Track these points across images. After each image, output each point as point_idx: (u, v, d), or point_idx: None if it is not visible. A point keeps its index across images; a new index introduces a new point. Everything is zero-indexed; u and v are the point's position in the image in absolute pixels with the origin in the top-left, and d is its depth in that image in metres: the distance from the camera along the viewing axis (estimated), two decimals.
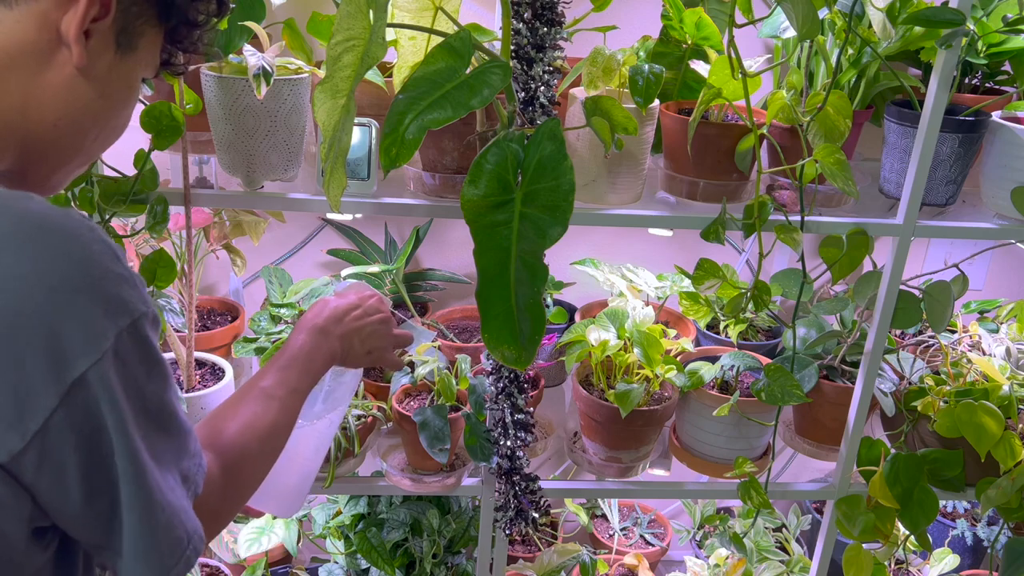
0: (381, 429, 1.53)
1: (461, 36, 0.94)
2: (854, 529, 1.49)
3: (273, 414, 0.91)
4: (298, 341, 1.01)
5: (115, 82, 0.72)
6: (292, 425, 0.95)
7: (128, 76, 0.73)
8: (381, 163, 0.89)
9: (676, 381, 1.46)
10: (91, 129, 0.72)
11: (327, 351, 1.02)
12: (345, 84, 0.91)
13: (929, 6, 1.21)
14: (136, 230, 1.26)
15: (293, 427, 0.95)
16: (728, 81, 1.23)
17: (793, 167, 1.28)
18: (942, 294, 1.36)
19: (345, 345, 1.05)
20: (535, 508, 1.37)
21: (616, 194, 1.31)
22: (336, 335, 1.04)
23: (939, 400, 1.47)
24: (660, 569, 2.09)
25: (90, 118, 0.71)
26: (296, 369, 0.97)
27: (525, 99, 1.12)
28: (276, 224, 1.77)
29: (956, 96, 1.39)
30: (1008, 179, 1.33)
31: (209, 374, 1.50)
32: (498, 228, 0.97)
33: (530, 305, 0.99)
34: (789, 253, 1.87)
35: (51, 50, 0.67)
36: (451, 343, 1.61)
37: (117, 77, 0.72)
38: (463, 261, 1.86)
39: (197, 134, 1.31)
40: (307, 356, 0.99)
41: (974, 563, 1.99)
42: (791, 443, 1.63)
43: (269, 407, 0.91)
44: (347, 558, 1.75)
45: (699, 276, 1.36)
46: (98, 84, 0.70)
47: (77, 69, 0.68)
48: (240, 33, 1.15)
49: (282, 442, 0.93)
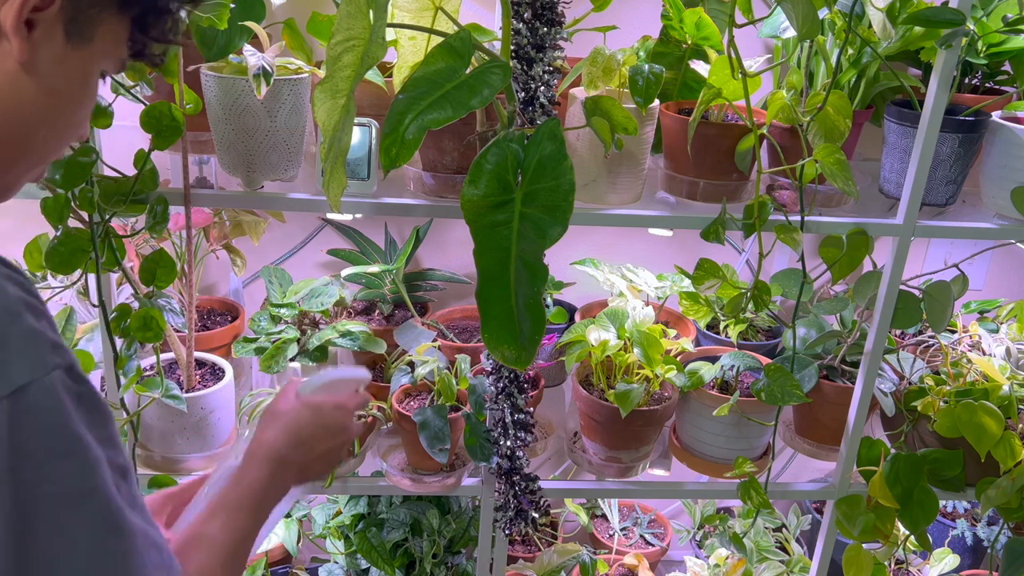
0: (381, 429, 1.53)
1: (461, 36, 0.94)
2: (854, 529, 1.49)
3: (219, 566, 0.80)
4: (256, 475, 0.88)
5: (65, 77, 0.64)
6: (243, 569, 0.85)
7: (82, 70, 0.65)
8: (381, 163, 0.90)
9: (676, 381, 1.46)
10: (38, 129, 0.65)
11: (282, 484, 0.91)
12: (345, 84, 0.91)
13: (929, 6, 1.21)
14: (136, 230, 1.26)
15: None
16: (728, 81, 1.23)
17: (793, 167, 1.28)
18: (942, 294, 1.36)
19: (301, 474, 0.93)
20: (535, 508, 1.37)
21: (616, 194, 1.31)
22: (296, 464, 0.91)
23: (939, 400, 1.47)
24: (660, 569, 2.09)
25: (37, 117, 0.64)
26: (248, 511, 0.85)
27: (525, 99, 1.12)
28: (276, 224, 1.77)
29: (956, 96, 1.39)
30: (1008, 179, 1.33)
31: (209, 374, 1.50)
32: (498, 228, 0.97)
33: (530, 305, 0.99)
34: (789, 253, 1.87)
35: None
36: (451, 343, 1.61)
37: (68, 71, 0.64)
38: (463, 261, 1.86)
39: (197, 134, 1.31)
40: (263, 494, 0.88)
41: (974, 563, 1.98)
42: (791, 443, 1.63)
43: (213, 557, 0.80)
44: (347, 558, 1.75)
45: (699, 276, 1.36)
46: (45, 79, 0.63)
47: (19, 63, 0.61)
48: (240, 33, 1.15)
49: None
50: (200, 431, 1.43)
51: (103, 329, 1.27)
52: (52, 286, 1.54)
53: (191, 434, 1.42)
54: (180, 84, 1.17)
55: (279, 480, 0.90)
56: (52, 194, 1.15)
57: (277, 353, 1.49)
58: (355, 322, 1.56)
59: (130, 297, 1.36)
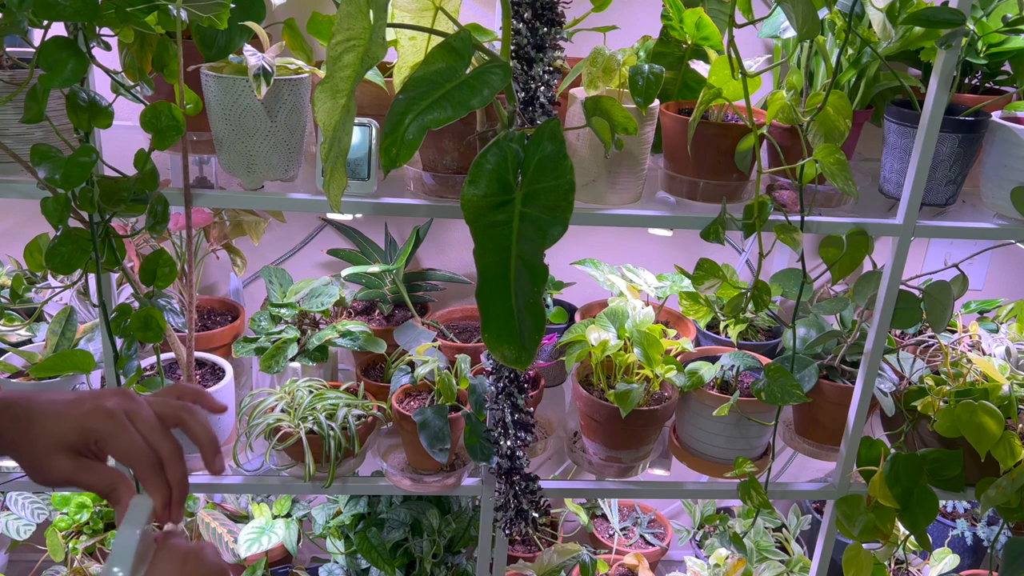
0: (381, 429, 1.53)
1: (461, 36, 0.94)
2: (854, 529, 1.49)
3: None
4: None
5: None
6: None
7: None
8: (381, 163, 0.89)
9: (676, 381, 1.46)
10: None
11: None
12: (345, 84, 0.91)
13: (929, 6, 1.21)
14: (136, 230, 1.26)
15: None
16: (728, 81, 1.23)
17: (793, 167, 1.28)
18: (942, 294, 1.36)
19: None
20: (535, 508, 1.37)
21: (616, 194, 1.32)
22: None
23: (939, 400, 1.47)
24: (660, 569, 2.09)
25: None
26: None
27: (525, 99, 1.12)
28: (276, 224, 1.77)
29: (956, 96, 1.39)
30: (1008, 179, 1.34)
31: (209, 374, 1.50)
32: (498, 228, 0.97)
33: (530, 305, 0.98)
34: (789, 253, 1.87)
35: None
36: (451, 343, 1.61)
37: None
38: (463, 261, 1.86)
39: (197, 134, 1.31)
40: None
41: (974, 563, 1.99)
42: (791, 443, 1.63)
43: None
44: (347, 558, 1.75)
45: (699, 276, 1.36)
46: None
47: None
48: (240, 33, 1.15)
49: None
50: None
51: (103, 329, 1.27)
52: (52, 286, 1.55)
53: None
54: (180, 84, 1.17)
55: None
56: (52, 194, 1.15)
57: (277, 353, 1.49)
58: (355, 322, 1.56)
59: (130, 297, 1.36)
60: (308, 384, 1.49)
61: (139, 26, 1.10)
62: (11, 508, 1.74)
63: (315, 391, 1.47)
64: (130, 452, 0.78)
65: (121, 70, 1.21)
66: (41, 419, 0.79)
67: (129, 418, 0.79)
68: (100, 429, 0.78)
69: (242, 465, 1.45)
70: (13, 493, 1.75)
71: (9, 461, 1.43)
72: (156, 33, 1.14)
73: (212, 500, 1.90)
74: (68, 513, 1.77)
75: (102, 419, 0.78)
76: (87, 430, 0.78)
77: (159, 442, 0.79)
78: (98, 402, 0.79)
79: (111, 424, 0.78)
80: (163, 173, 1.25)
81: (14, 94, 1.14)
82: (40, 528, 1.75)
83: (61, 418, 0.78)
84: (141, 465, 0.78)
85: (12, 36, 1.09)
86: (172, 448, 0.80)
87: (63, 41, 1.08)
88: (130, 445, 0.78)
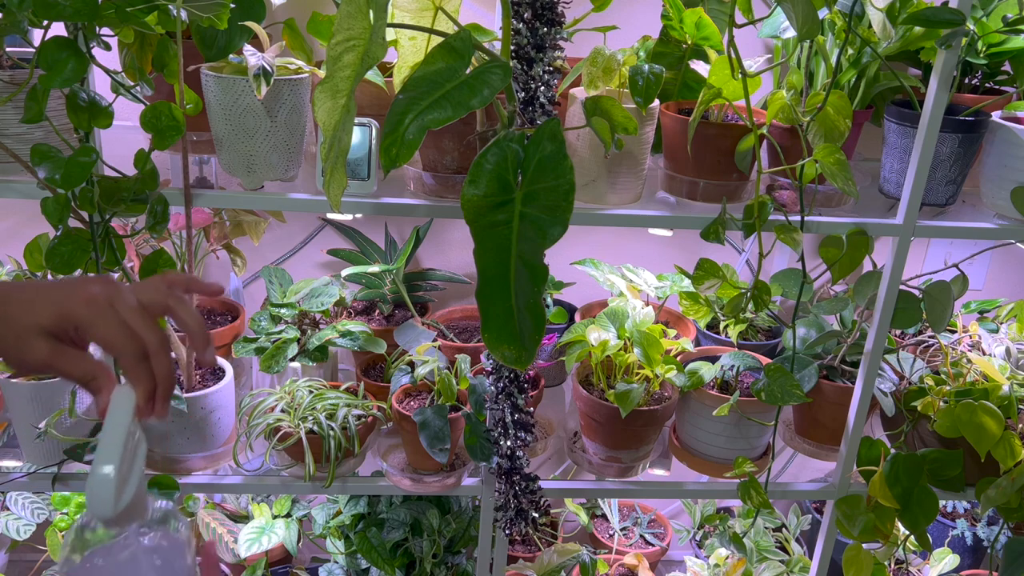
0: (381, 429, 1.53)
1: (461, 36, 0.94)
2: (854, 529, 1.49)
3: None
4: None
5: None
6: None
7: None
8: (381, 163, 0.89)
9: (676, 381, 1.46)
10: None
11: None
12: (345, 84, 0.91)
13: (929, 6, 1.21)
14: (136, 230, 1.26)
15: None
16: (728, 81, 1.23)
17: (793, 167, 1.28)
18: (942, 294, 1.36)
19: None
20: (535, 508, 1.37)
21: (616, 194, 1.32)
22: None
23: (939, 400, 1.47)
24: (660, 569, 2.09)
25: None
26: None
27: (525, 99, 1.12)
28: (276, 224, 1.77)
29: (956, 96, 1.39)
30: (1008, 179, 1.34)
31: (209, 374, 1.50)
32: (498, 228, 0.97)
33: (530, 305, 0.98)
34: (789, 253, 1.87)
35: None
36: (451, 343, 1.61)
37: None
38: (463, 261, 1.86)
39: (197, 134, 1.31)
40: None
41: (974, 563, 1.99)
42: (791, 443, 1.63)
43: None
44: (347, 558, 1.75)
45: (699, 276, 1.36)
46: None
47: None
48: (240, 33, 1.15)
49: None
50: (200, 431, 1.43)
51: None
52: None
53: (191, 434, 1.42)
54: (180, 84, 1.17)
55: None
56: (52, 194, 1.15)
57: (277, 353, 1.49)
58: (355, 322, 1.56)
59: None
60: (308, 384, 1.49)
61: (139, 26, 1.10)
62: (11, 508, 1.74)
63: (315, 391, 1.47)
64: (113, 339, 0.73)
65: (121, 70, 1.21)
66: (19, 298, 0.74)
67: (112, 305, 0.74)
68: (80, 314, 0.73)
69: (242, 465, 1.45)
70: (13, 493, 1.75)
71: (10, 461, 1.43)
72: (156, 33, 1.14)
73: (212, 500, 1.90)
74: (68, 513, 1.77)
75: (83, 303, 0.73)
76: (66, 313, 0.73)
77: (144, 331, 0.74)
78: (80, 286, 0.75)
79: (92, 309, 0.73)
80: (163, 173, 1.25)
81: (14, 94, 1.14)
82: (40, 528, 1.75)
83: (39, 298, 0.74)
84: (125, 353, 0.73)
85: (12, 36, 1.10)
86: (158, 338, 0.74)
87: (63, 41, 1.08)
88: (113, 332, 0.73)
